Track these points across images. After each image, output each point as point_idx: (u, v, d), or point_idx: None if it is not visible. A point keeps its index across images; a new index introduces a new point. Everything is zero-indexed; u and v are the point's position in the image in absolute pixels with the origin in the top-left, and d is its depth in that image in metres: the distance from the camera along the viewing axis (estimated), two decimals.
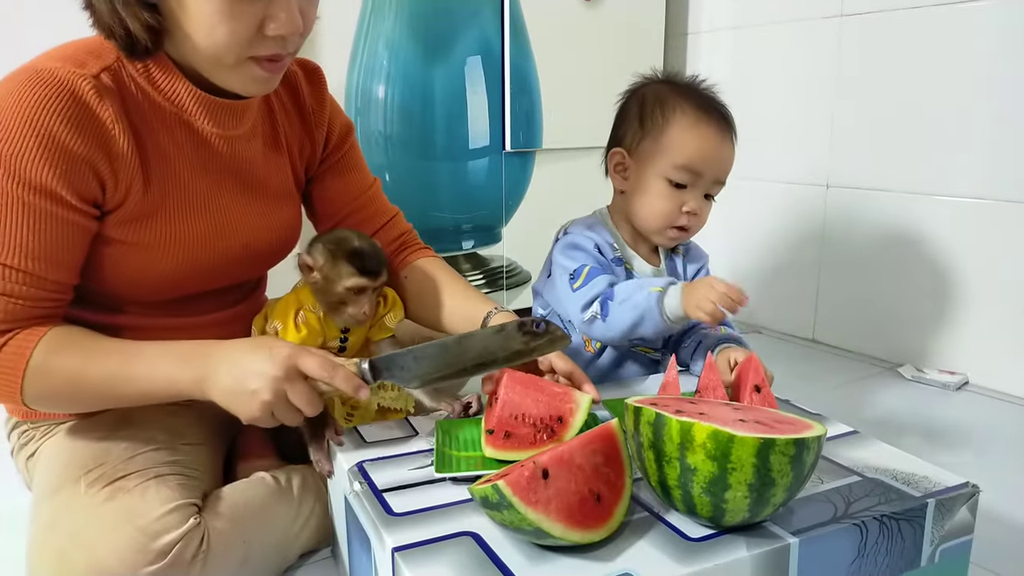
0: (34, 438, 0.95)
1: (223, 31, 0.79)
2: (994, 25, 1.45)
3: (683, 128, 1.04)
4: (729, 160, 1.07)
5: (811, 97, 1.80)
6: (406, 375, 0.83)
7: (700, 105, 1.05)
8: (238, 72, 0.84)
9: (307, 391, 0.79)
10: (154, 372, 0.81)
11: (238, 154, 0.95)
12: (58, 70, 0.79)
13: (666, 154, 1.05)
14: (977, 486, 0.74)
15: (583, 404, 0.81)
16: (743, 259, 2.05)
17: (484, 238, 1.72)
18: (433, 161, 1.58)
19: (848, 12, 1.70)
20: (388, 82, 1.53)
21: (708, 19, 2.05)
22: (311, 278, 0.93)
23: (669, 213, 1.06)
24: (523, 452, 0.77)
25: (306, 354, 0.79)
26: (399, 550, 0.64)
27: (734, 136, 1.08)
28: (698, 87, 1.10)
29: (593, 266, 1.05)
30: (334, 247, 0.92)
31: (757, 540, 0.65)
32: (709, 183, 1.07)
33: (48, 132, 0.78)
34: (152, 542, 0.76)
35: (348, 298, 0.92)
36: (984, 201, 1.51)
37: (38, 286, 0.81)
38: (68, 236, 0.82)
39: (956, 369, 1.59)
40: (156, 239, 0.89)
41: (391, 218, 1.14)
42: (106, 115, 0.81)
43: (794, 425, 0.66)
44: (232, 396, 0.79)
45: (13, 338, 0.80)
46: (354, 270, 0.91)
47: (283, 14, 0.81)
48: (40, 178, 0.78)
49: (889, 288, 1.69)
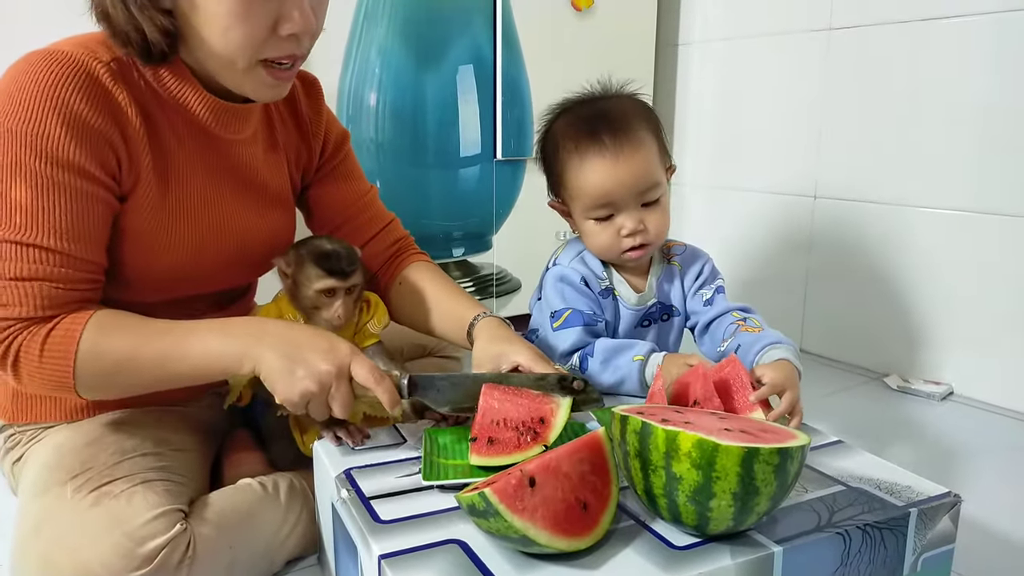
0: (20, 442, 0.95)
1: (237, 32, 0.80)
2: (981, 39, 1.47)
3: (573, 169, 1.02)
4: (637, 171, 0.99)
5: (800, 109, 1.82)
6: (440, 398, 0.86)
7: (583, 134, 1.01)
8: (249, 76, 0.85)
9: (348, 394, 0.81)
10: (207, 348, 0.81)
11: (239, 156, 0.96)
12: (72, 51, 0.80)
13: (574, 198, 1.03)
14: (959, 496, 0.75)
15: (564, 404, 0.82)
16: (731, 269, 2.06)
17: (474, 246, 1.72)
18: (424, 168, 1.58)
19: (837, 26, 1.72)
20: (380, 89, 1.53)
21: (699, 30, 2.07)
22: (285, 283, 0.94)
23: (611, 244, 1.04)
24: (508, 457, 0.77)
25: (360, 359, 0.81)
26: (386, 557, 0.64)
27: (635, 140, 0.99)
28: (590, 103, 1.05)
29: (575, 311, 1.04)
30: (305, 251, 0.94)
31: (741, 548, 0.65)
32: (633, 199, 1.01)
33: (70, 107, 0.78)
34: (138, 547, 0.76)
35: (319, 301, 0.92)
36: (970, 213, 1.52)
37: (76, 267, 0.81)
38: (98, 212, 0.82)
39: (941, 379, 1.60)
40: (160, 232, 0.89)
41: (387, 224, 1.14)
42: (121, 97, 0.82)
43: (778, 434, 0.66)
44: (279, 374, 0.79)
45: (60, 323, 0.79)
46: (322, 272, 0.92)
47: (296, 13, 0.81)
48: (67, 154, 0.78)
49: (875, 298, 1.70)
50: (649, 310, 1.09)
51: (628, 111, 1.03)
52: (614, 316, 1.08)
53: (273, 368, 0.80)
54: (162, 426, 0.94)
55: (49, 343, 0.78)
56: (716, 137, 2.07)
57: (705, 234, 2.13)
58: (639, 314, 1.09)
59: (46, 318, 0.79)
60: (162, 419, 0.95)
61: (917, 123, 1.58)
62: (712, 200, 2.10)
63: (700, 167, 2.12)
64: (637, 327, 1.10)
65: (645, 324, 1.10)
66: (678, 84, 2.15)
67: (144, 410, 0.95)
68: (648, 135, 1.02)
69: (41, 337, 0.78)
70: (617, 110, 1.03)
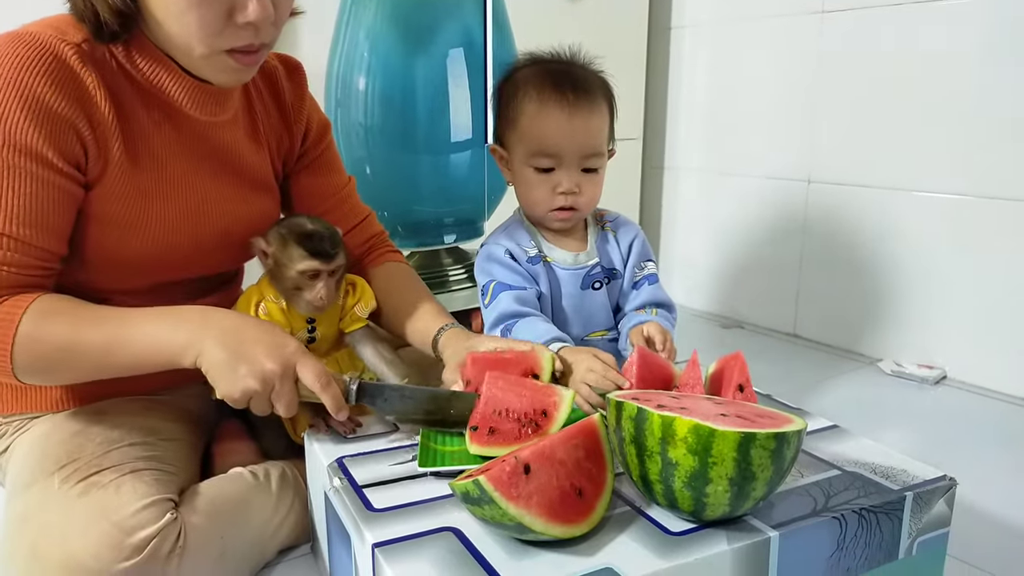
0: (7, 433, 0.93)
1: (192, 17, 0.78)
2: (975, 22, 1.46)
3: (530, 115, 1.03)
4: (588, 132, 1.02)
5: (793, 93, 1.81)
6: (387, 407, 0.85)
7: (547, 84, 1.02)
8: (210, 62, 0.83)
9: (292, 394, 0.79)
10: (149, 336, 0.79)
11: (219, 139, 0.94)
12: (40, 33, 0.79)
13: (522, 142, 1.04)
14: (954, 479, 0.75)
15: (567, 397, 0.80)
16: (724, 254, 2.06)
17: (466, 232, 1.71)
18: (414, 154, 1.56)
19: (829, 8, 1.71)
20: (369, 73, 1.51)
21: (691, 14, 2.06)
22: (266, 264, 0.92)
23: (543, 199, 1.04)
24: (508, 448, 0.76)
25: (307, 359, 0.80)
26: (379, 546, 0.64)
27: (593, 104, 1.02)
28: (557, 62, 1.06)
29: (499, 282, 1.04)
30: (286, 231, 0.91)
31: (738, 534, 0.65)
32: (576, 159, 1.02)
33: (32, 93, 0.77)
34: (127, 538, 0.75)
35: (302, 283, 0.90)
36: (964, 197, 1.52)
37: (26, 252, 0.79)
38: (56, 200, 0.80)
39: (934, 363, 1.61)
40: (132, 217, 0.87)
41: (364, 219, 1.14)
42: (89, 80, 0.81)
43: (774, 419, 0.66)
44: (220, 369, 0.77)
45: (1, 305, 0.78)
46: (305, 252, 0.89)
47: (252, 1, 0.79)
48: (26, 140, 0.77)
49: (869, 283, 1.70)
50: (592, 271, 1.09)
51: (593, 81, 1.05)
52: (550, 283, 1.08)
53: (215, 362, 0.78)
54: (150, 415, 0.93)
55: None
56: (709, 121, 2.06)
57: (698, 219, 2.13)
58: (580, 275, 1.08)
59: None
60: (150, 408, 0.94)
61: (911, 107, 1.58)
62: (705, 184, 2.09)
63: (693, 151, 2.11)
64: (586, 290, 1.09)
65: (596, 287, 1.09)
66: (671, 67, 2.13)
67: (131, 399, 0.94)
68: (605, 108, 1.05)
69: None
70: (584, 75, 1.05)
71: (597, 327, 1.11)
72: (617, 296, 1.13)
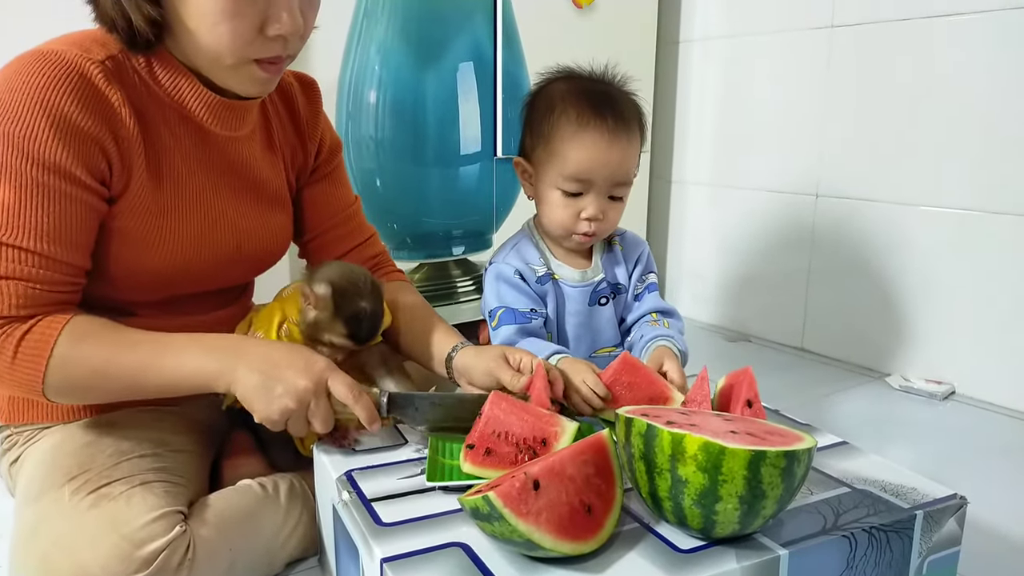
0: (17, 443, 0.94)
1: (225, 28, 0.80)
2: (983, 37, 1.46)
3: (566, 136, 1.01)
4: (621, 162, 1.01)
5: (801, 107, 1.81)
6: (418, 416, 0.85)
7: (587, 107, 1.00)
8: (237, 72, 0.85)
9: (328, 409, 0.81)
10: (182, 363, 0.81)
11: (237, 154, 0.96)
12: (65, 52, 0.80)
13: (554, 163, 1.02)
14: (965, 498, 0.74)
15: (569, 430, 0.78)
16: (732, 267, 2.05)
17: (474, 244, 1.71)
18: (424, 166, 1.57)
19: (838, 23, 1.71)
20: (380, 86, 1.52)
21: (700, 28, 2.06)
22: (306, 310, 0.91)
23: (567, 222, 1.04)
24: (500, 471, 0.75)
25: (337, 375, 0.81)
26: (388, 561, 0.63)
27: (631, 134, 1.02)
28: (595, 82, 1.05)
29: (507, 309, 1.04)
30: (340, 300, 0.89)
31: (747, 552, 0.65)
32: (606, 187, 1.02)
33: (59, 110, 0.78)
34: (137, 550, 0.75)
35: (329, 345, 0.91)
36: (972, 212, 1.52)
37: (56, 269, 0.80)
38: (82, 216, 0.81)
39: (943, 379, 1.60)
40: (150, 234, 0.88)
41: (369, 237, 1.15)
42: (114, 98, 0.82)
43: (785, 437, 0.66)
44: (256, 392, 0.79)
45: (36, 325, 0.78)
46: (348, 333, 0.90)
47: (284, 14, 0.81)
48: (53, 157, 0.78)
49: (877, 297, 1.70)
50: (598, 287, 1.09)
51: (630, 107, 1.05)
52: (557, 301, 1.08)
53: (250, 387, 0.79)
54: (160, 427, 0.93)
55: (24, 345, 0.78)
56: (717, 135, 2.06)
57: (706, 232, 2.13)
58: (587, 292, 1.08)
59: (22, 318, 0.78)
60: (160, 420, 0.94)
61: (919, 121, 1.58)
62: (713, 198, 2.09)
63: (701, 165, 2.11)
64: (592, 306, 1.09)
65: (603, 303, 1.10)
66: (679, 81, 2.14)
67: (141, 410, 0.94)
68: (638, 136, 1.05)
69: (16, 338, 0.78)
70: (622, 100, 1.04)
71: (605, 343, 1.12)
72: (622, 309, 1.13)
